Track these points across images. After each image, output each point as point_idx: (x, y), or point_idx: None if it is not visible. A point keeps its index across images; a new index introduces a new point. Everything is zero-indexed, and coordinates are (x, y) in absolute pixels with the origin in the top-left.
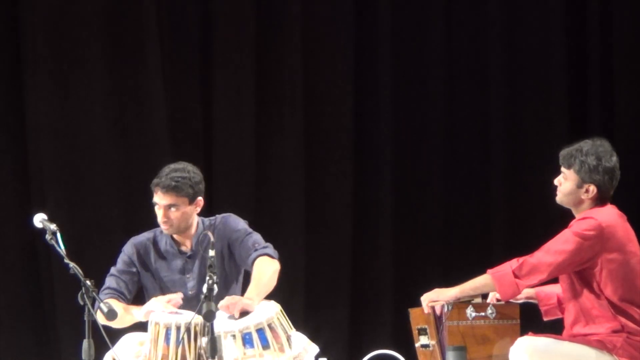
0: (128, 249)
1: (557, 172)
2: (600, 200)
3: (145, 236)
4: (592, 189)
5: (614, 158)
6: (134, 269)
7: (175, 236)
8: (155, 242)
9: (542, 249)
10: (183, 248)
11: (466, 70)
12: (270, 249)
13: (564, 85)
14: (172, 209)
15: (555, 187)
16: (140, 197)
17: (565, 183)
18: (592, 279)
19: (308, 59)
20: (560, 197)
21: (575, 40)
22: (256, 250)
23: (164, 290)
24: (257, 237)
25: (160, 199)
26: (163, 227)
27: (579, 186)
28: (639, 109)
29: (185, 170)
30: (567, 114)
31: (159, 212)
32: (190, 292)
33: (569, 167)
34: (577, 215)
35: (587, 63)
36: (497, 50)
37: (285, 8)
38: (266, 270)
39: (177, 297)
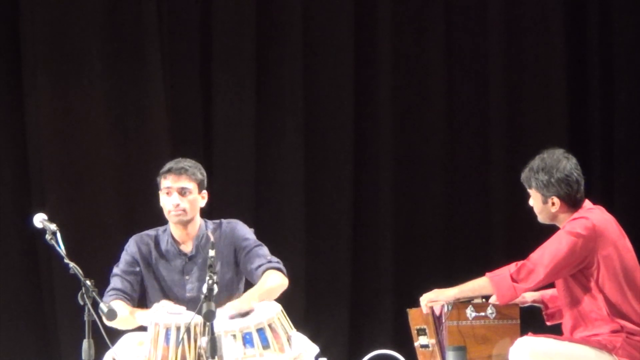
0: (131, 248)
1: None
2: (571, 206)
3: (147, 234)
4: (555, 200)
5: (567, 164)
6: (137, 269)
7: (176, 236)
8: (156, 241)
9: (537, 251)
10: (183, 248)
11: (466, 70)
12: (282, 265)
13: (564, 85)
14: (185, 193)
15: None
16: (140, 197)
17: (534, 203)
18: (590, 280)
19: (308, 59)
20: (539, 218)
21: (575, 40)
22: (270, 262)
23: (164, 290)
24: (266, 250)
25: (173, 182)
26: (174, 213)
27: (544, 202)
28: (639, 109)
29: (191, 160)
30: (567, 114)
31: (170, 199)
32: (188, 295)
33: (529, 187)
34: (561, 226)
35: (587, 63)
36: (497, 50)
37: (286, 8)
38: (273, 281)
39: (181, 309)
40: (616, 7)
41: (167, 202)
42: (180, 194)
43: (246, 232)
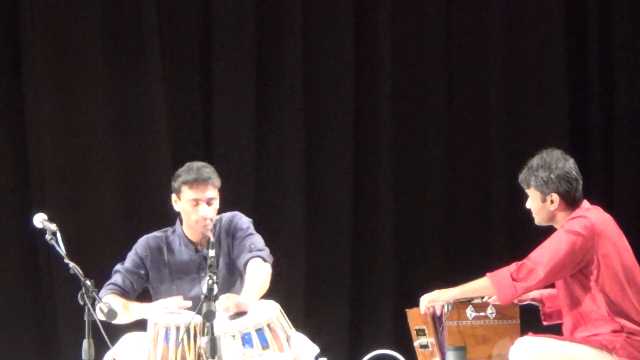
0: (141, 249)
1: None
2: (570, 205)
3: (156, 236)
4: (555, 197)
5: (566, 162)
6: (143, 271)
7: (193, 238)
8: (167, 242)
9: (537, 250)
10: (200, 247)
11: (466, 69)
12: (266, 252)
13: (564, 85)
14: (212, 203)
15: (530, 211)
16: (140, 197)
17: (532, 203)
18: (589, 279)
19: (308, 59)
20: (536, 219)
21: (575, 40)
22: (251, 251)
23: (178, 289)
24: (256, 238)
25: (201, 193)
26: (202, 224)
27: (543, 200)
28: (639, 109)
29: (206, 164)
30: (567, 114)
31: (198, 210)
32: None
33: (528, 186)
34: (559, 226)
35: (587, 63)
36: (497, 50)
37: (285, 7)
38: (259, 272)
39: (186, 304)
40: (616, 7)
41: (194, 212)
42: (208, 204)
43: (243, 222)
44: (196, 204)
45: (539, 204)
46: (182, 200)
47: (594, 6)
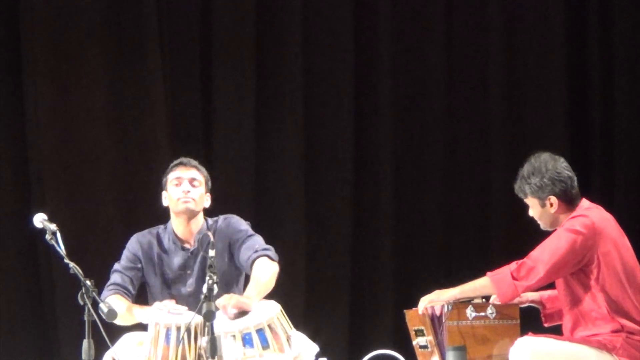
0: (133, 246)
1: None
2: (569, 204)
3: (148, 231)
4: (553, 200)
5: (555, 163)
6: (139, 265)
7: (179, 232)
8: (158, 238)
9: (537, 249)
10: (186, 245)
11: (466, 71)
12: (272, 251)
13: (564, 86)
14: (195, 184)
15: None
16: (139, 197)
17: (533, 211)
18: (590, 278)
19: (308, 60)
20: (541, 225)
21: (576, 41)
22: (257, 251)
23: (165, 285)
24: (258, 239)
25: (183, 172)
26: (184, 200)
27: (542, 205)
28: (639, 110)
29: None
30: (567, 115)
31: (180, 187)
32: (188, 289)
33: (525, 196)
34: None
35: (587, 63)
36: (497, 51)
37: (286, 8)
38: (265, 271)
39: (182, 309)
40: (616, 7)
41: (177, 190)
42: (191, 184)
43: (240, 224)
44: (179, 183)
45: (539, 210)
46: (168, 187)
47: (594, 6)
